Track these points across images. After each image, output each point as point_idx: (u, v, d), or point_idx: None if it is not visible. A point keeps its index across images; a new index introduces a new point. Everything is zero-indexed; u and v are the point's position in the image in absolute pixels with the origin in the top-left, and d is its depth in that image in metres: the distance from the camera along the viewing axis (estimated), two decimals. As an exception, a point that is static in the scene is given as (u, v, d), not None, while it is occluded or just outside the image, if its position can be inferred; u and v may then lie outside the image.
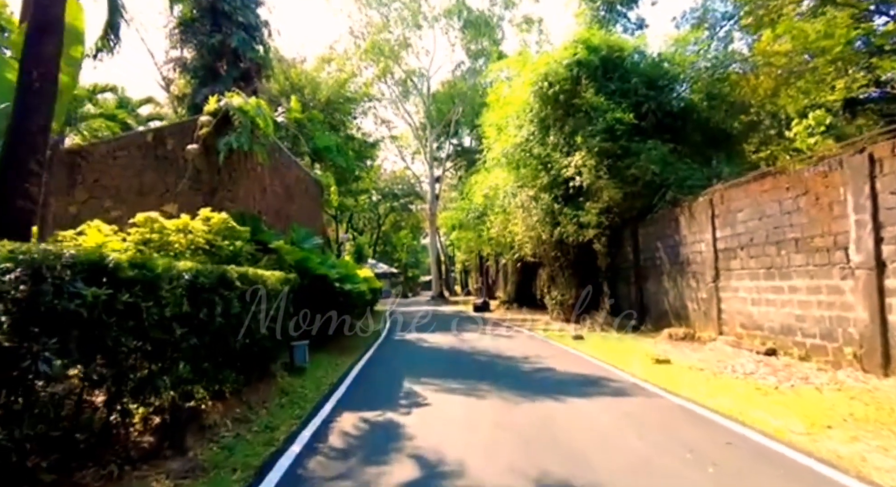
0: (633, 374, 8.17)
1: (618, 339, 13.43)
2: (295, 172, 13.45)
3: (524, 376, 8.34)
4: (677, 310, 13.70)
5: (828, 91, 16.65)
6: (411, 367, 9.62)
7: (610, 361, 9.52)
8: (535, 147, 17.37)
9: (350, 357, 11.09)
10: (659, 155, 15.25)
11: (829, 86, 16.58)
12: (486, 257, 39.44)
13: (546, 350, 11.47)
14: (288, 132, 21.97)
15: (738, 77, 17.93)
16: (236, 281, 5.36)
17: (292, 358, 8.78)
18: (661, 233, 14.72)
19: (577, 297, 17.94)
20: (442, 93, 41.36)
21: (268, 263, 8.26)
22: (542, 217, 17.31)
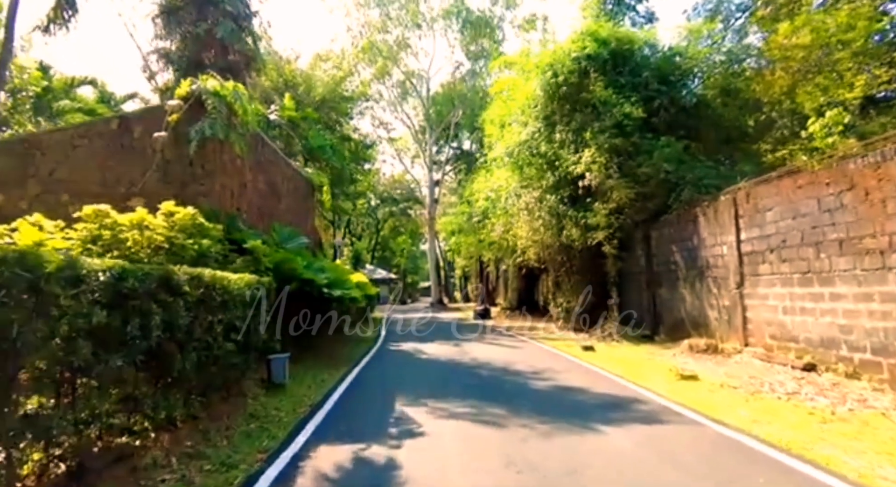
0: (660, 394, 7.11)
1: (631, 350, 12.39)
2: (282, 169, 12.46)
3: (536, 396, 7.28)
4: (695, 319, 12.66)
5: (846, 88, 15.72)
6: (406, 384, 8.56)
7: (630, 377, 8.47)
8: (540, 144, 16.39)
9: (338, 370, 10.03)
10: (673, 152, 14.28)
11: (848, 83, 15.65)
12: (486, 263, 38.39)
13: (556, 362, 10.41)
14: (281, 131, 21.04)
15: (754, 72, 17.00)
16: (185, 285, 4.33)
17: (269, 373, 7.73)
18: (677, 235, 13.71)
19: (584, 305, 16.89)
20: (441, 95, 40.48)
21: (242, 265, 7.24)
22: (547, 219, 16.30)
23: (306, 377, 9.22)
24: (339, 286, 11.03)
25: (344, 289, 11.03)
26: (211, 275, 4.93)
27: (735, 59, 16.58)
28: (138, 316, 3.64)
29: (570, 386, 7.77)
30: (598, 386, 7.82)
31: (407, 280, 69.18)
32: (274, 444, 5.18)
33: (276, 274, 9.11)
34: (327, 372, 9.87)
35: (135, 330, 3.58)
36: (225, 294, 5.18)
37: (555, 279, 18.25)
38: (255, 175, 10.46)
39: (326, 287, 10.76)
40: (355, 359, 11.53)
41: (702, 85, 16.89)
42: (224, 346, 5.27)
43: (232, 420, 5.76)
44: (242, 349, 5.82)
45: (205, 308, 4.78)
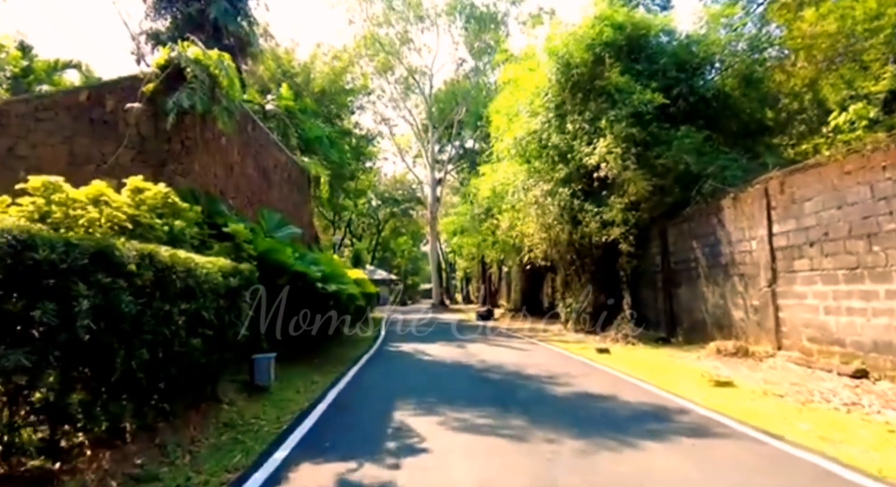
0: (697, 402, 6.20)
1: (649, 353, 11.47)
2: (275, 155, 11.58)
3: (558, 404, 6.36)
4: (718, 320, 11.74)
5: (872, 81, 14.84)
6: (407, 388, 7.65)
7: (657, 382, 7.56)
8: (551, 135, 15.49)
9: (332, 372, 9.12)
10: (693, 143, 13.39)
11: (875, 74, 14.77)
12: (488, 263, 37.53)
13: (572, 366, 9.49)
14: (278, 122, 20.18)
15: (776, 62, 16.12)
16: (132, 263, 3.44)
17: (252, 375, 6.83)
18: (698, 230, 12.80)
19: (595, 305, 15.98)
20: (444, 92, 39.66)
21: (221, 252, 6.34)
22: (558, 214, 15.39)
23: (296, 379, 8.31)
24: (334, 281, 10.13)
25: (340, 284, 10.13)
26: (170, 255, 4.03)
27: (756, 47, 15.68)
28: (55, 299, 2.76)
29: (594, 393, 6.85)
30: (625, 392, 6.90)
31: (407, 281, 68.34)
32: (247, 461, 4.28)
33: (263, 265, 8.21)
34: (320, 373, 8.96)
35: (48, 318, 2.70)
36: (190, 278, 4.29)
37: (564, 278, 17.34)
38: (244, 158, 9.59)
39: (320, 281, 9.86)
40: (352, 360, 10.62)
41: (721, 74, 15.99)
42: (189, 342, 4.36)
43: (201, 430, 4.85)
44: (215, 346, 4.92)
45: (161, 294, 3.88)
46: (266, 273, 8.96)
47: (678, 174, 13.66)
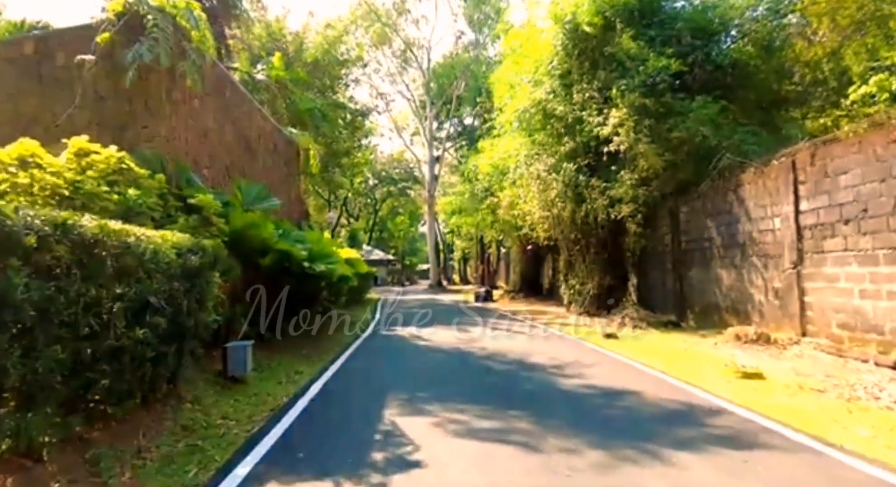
0: (727, 398, 5.47)
1: (660, 339, 10.76)
2: (258, 123, 10.62)
3: (570, 401, 5.61)
4: (734, 303, 11.01)
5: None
6: (400, 380, 6.90)
7: (677, 373, 6.83)
8: (556, 106, 14.52)
9: (319, 360, 8.38)
10: (709, 115, 12.47)
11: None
12: (487, 244, 36.76)
13: (580, 353, 8.76)
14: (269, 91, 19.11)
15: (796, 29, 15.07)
16: (30, 236, 2.61)
17: (225, 365, 6.06)
18: (713, 208, 11.98)
19: (600, 287, 15.24)
20: (443, 65, 38.33)
21: (186, 227, 5.51)
22: (562, 191, 14.53)
23: (279, 368, 7.56)
24: (322, 260, 9.32)
25: (329, 264, 9.32)
26: (99, 226, 3.19)
27: (777, 11, 14.60)
28: None
29: (609, 387, 6.10)
30: (643, 385, 6.16)
31: (405, 262, 67.65)
32: (202, 477, 3.52)
33: (240, 242, 7.39)
34: (307, 361, 8.22)
35: None
36: (128, 256, 3.46)
37: (567, 259, 16.55)
38: (222, 125, 8.67)
39: (307, 261, 9.05)
40: (343, 347, 9.88)
41: (739, 42, 14.95)
42: (131, 334, 3.56)
43: (152, 436, 4.08)
44: (170, 336, 4.12)
45: (84, 276, 3.06)
46: (244, 251, 8.16)
47: (693, 148, 12.78)
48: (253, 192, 8.03)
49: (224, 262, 6.92)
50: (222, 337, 7.98)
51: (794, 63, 15.09)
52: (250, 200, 7.83)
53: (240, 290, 9.06)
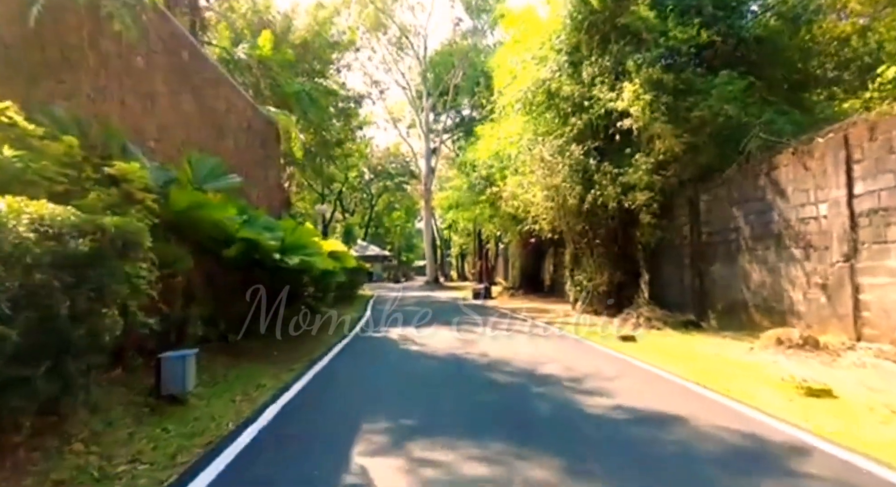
0: (807, 428, 4.20)
1: (683, 342, 9.50)
2: (228, 96, 9.25)
3: (600, 432, 4.31)
4: (766, 302, 9.76)
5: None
6: (381, 399, 5.61)
7: (720, 388, 5.56)
8: (563, 84, 13.21)
9: (290, 369, 7.07)
10: (734, 92, 11.19)
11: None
12: (485, 239, 35.49)
13: (597, 361, 7.48)
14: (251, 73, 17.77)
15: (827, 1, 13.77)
16: None
17: (158, 382, 4.75)
18: (740, 195, 10.72)
19: (610, 283, 13.97)
20: (440, 54, 36.97)
21: (99, 203, 4.18)
22: (569, 176, 13.23)
23: (238, 380, 6.26)
24: (297, 252, 8.02)
25: (305, 257, 8.00)
26: None
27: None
28: None
29: (646, 410, 4.81)
30: (687, 406, 4.88)
31: (402, 258, 66.36)
32: None
33: (188, 227, 6.08)
34: (274, 371, 6.90)
35: None
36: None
37: (573, 253, 15.28)
38: (177, 92, 7.34)
39: (278, 252, 7.74)
40: (322, 351, 8.58)
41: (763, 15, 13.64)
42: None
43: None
44: (34, 353, 2.83)
45: None
46: (199, 239, 6.85)
47: (715, 129, 11.54)
48: (206, 167, 6.67)
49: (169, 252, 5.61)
50: (172, 344, 6.68)
51: (822, 39, 13.82)
52: (202, 177, 6.50)
53: (198, 286, 7.74)
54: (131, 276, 4.39)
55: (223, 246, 7.73)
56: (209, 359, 7.14)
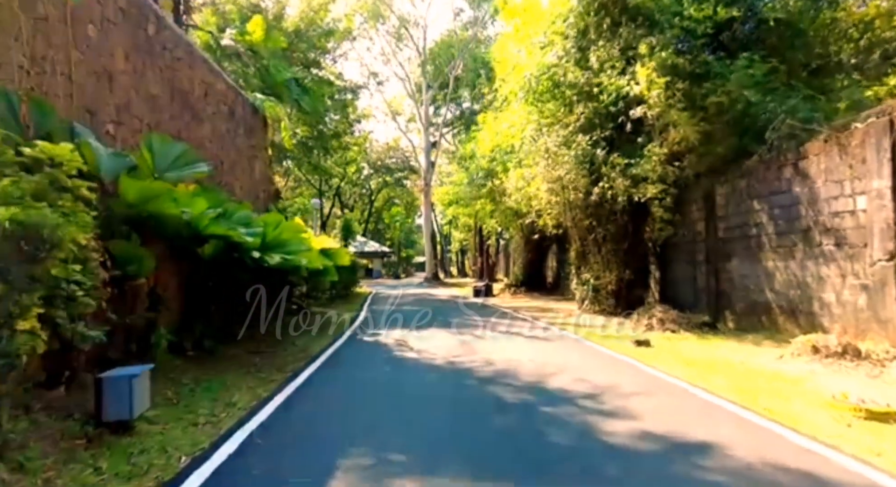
0: (884, 468, 3.42)
1: (701, 347, 8.71)
2: (205, 77, 8.40)
3: (629, 469, 3.55)
4: (792, 303, 8.98)
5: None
6: (366, 424, 4.82)
7: (760, 408, 4.79)
8: (569, 71, 12.38)
9: (269, 381, 6.29)
10: (755, 77, 10.37)
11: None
12: (486, 234, 34.71)
13: (614, 370, 6.71)
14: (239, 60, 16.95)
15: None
16: None
17: (99, 405, 3.98)
18: (762, 188, 9.92)
19: (618, 282, 13.20)
20: (440, 45, 36.09)
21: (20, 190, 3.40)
22: (575, 168, 12.42)
23: (205, 395, 5.49)
24: (279, 249, 7.23)
25: (288, 254, 7.22)
26: None
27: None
28: None
29: (681, 439, 4.04)
30: (728, 433, 4.12)
31: (401, 254, 65.60)
32: None
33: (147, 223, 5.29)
34: (250, 383, 6.12)
35: None
36: None
37: (579, 250, 14.48)
38: (141, 70, 6.54)
39: (258, 250, 6.96)
40: (308, 359, 7.79)
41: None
42: None
43: None
44: None
45: None
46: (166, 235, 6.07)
47: (734, 117, 10.76)
48: (171, 153, 5.85)
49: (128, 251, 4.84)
50: (135, 355, 5.92)
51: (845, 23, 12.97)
52: (166, 164, 5.70)
53: (170, 289, 6.97)
54: (60, 281, 3.62)
55: (197, 244, 6.96)
56: (180, 370, 6.38)
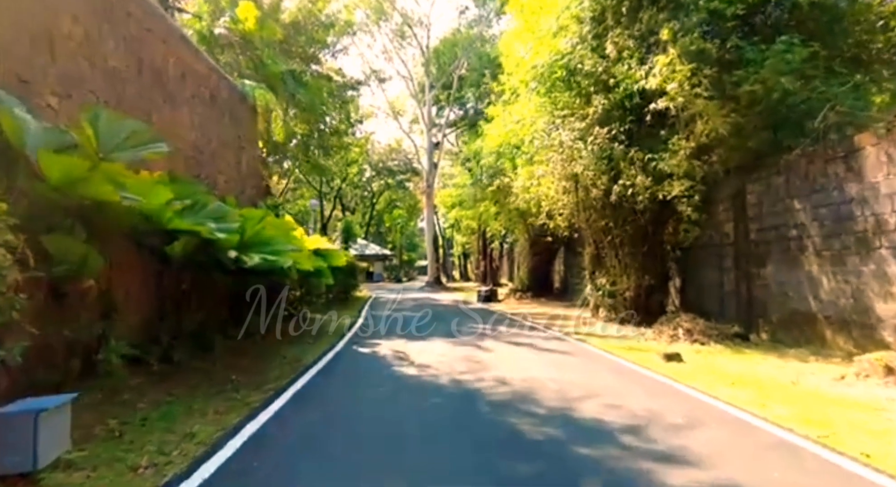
0: None
1: (742, 363, 7.68)
2: (180, 54, 7.40)
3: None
4: (843, 314, 7.97)
5: None
6: (353, 469, 3.81)
7: (855, 452, 3.78)
8: (584, 59, 11.42)
9: (242, 404, 5.29)
10: (794, 63, 9.36)
11: None
12: (490, 238, 33.72)
13: (651, 393, 5.69)
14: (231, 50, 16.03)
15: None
16: None
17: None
18: (805, 186, 8.94)
19: (637, 288, 12.17)
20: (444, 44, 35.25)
21: None
22: (592, 164, 11.43)
23: (157, 428, 4.49)
24: (260, 248, 6.24)
25: (270, 254, 6.23)
26: None
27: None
28: None
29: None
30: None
31: (403, 257, 64.59)
32: None
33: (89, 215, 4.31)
34: (215, 410, 5.11)
35: None
36: None
37: (594, 253, 13.47)
38: (100, 41, 5.59)
39: (236, 249, 5.97)
40: (294, 372, 6.79)
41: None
42: None
43: None
44: None
45: None
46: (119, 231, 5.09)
47: (768, 107, 9.76)
48: (121, 130, 4.83)
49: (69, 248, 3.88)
50: (78, 376, 4.93)
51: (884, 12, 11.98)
52: (114, 143, 4.70)
53: (131, 293, 5.99)
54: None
55: (165, 241, 5.98)
56: (137, 391, 5.39)
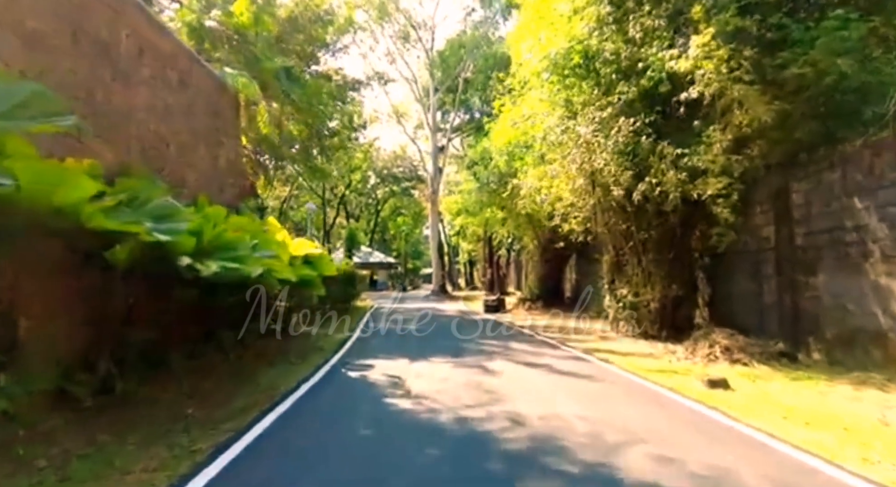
0: None
1: (803, 391, 6.38)
2: (135, 23, 6.23)
3: None
4: (923, 332, 6.67)
5: None
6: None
7: None
8: (604, 44, 10.26)
9: (177, 459, 4.09)
10: (851, 41, 8.14)
11: None
12: (496, 245, 32.50)
13: (711, 440, 4.44)
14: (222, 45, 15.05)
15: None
16: None
17: None
18: (870, 182, 7.69)
19: (664, 299, 10.91)
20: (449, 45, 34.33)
21: None
22: (614, 159, 10.23)
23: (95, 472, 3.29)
24: (221, 254, 5.07)
25: (231, 261, 5.06)
26: None
27: None
28: None
29: None
30: None
31: (408, 265, 63.46)
32: None
33: None
34: (141, 466, 3.91)
35: None
36: None
37: (614, 259, 12.22)
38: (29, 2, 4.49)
39: (191, 255, 4.81)
40: (259, 411, 5.55)
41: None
42: None
43: None
44: None
45: None
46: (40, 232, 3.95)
47: (818, 92, 8.53)
48: (11, 95, 3.64)
49: None
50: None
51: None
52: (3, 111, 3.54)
53: (60, 312, 4.83)
54: None
55: (103, 246, 4.84)
56: (49, 438, 4.22)
